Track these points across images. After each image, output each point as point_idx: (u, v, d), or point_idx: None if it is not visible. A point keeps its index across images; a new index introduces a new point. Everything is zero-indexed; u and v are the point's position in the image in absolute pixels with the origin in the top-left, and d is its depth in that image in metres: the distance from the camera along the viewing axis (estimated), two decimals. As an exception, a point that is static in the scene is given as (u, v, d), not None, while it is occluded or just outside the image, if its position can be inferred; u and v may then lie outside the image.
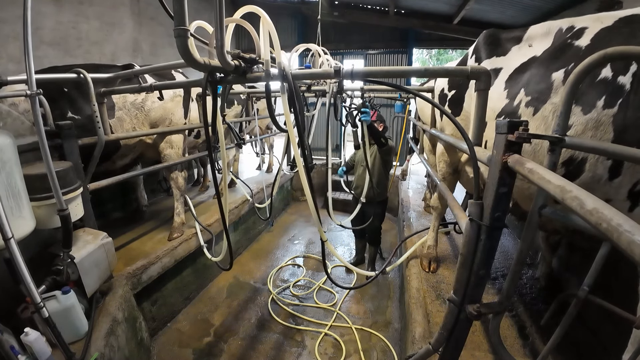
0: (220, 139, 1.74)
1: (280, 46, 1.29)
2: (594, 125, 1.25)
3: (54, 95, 2.29)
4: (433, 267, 2.83)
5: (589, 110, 1.26)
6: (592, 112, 1.25)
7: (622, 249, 0.52)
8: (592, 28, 1.38)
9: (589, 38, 1.36)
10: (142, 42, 5.49)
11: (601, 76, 1.25)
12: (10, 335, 1.52)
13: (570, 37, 1.44)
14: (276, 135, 6.52)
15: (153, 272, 2.84)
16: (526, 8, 5.13)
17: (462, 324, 1.30)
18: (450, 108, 2.19)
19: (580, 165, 1.33)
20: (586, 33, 1.39)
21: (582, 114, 1.28)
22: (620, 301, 1.13)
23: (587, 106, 1.27)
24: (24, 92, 1.47)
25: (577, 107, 1.29)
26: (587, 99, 1.27)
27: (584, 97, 1.27)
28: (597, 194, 0.66)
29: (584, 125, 1.27)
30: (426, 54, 17.14)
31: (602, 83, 1.24)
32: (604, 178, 1.28)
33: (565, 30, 1.51)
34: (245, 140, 4.93)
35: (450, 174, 2.52)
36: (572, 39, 1.43)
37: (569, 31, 1.48)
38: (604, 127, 1.23)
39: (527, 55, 1.64)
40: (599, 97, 1.24)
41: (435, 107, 2.45)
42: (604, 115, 1.22)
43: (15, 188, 1.50)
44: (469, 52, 2.13)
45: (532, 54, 1.61)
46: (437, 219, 2.88)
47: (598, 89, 1.25)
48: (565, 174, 1.36)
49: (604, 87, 1.24)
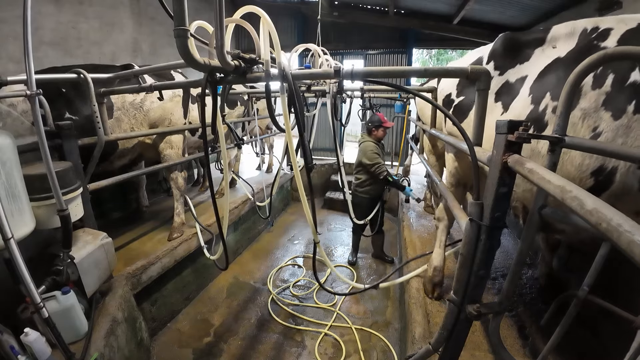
0: (220, 139, 1.74)
1: (280, 46, 1.29)
2: (624, 132, 1.20)
3: (52, 96, 2.29)
4: (437, 293, 2.43)
5: (619, 115, 1.22)
6: (622, 118, 1.21)
7: (622, 249, 0.52)
8: (617, 29, 1.35)
9: (615, 39, 1.33)
10: (142, 42, 5.49)
11: (631, 80, 1.21)
12: (10, 335, 1.51)
13: (596, 38, 1.40)
14: (276, 136, 6.52)
15: (153, 272, 2.84)
16: (526, 8, 5.13)
17: (462, 324, 1.30)
18: (455, 114, 2.07)
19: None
20: (612, 34, 1.35)
21: (612, 120, 1.23)
22: (620, 301, 1.13)
23: (617, 111, 1.23)
24: (24, 92, 1.47)
25: (607, 113, 1.25)
26: (617, 104, 1.22)
27: (614, 101, 1.23)
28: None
29: (615, 132, 1.23)
30: (426, 54, 17.14)
31: (632, 86, 1.20)
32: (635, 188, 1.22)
33: (590, 31, 1.46)
34: (245, 140, 4.93)
35: (458, 186, 2.30)
36: (597, 40, 1.39)
37: (594, 32, 1.43)
38: (634, 134, 1.18)
39: (551, 57, 1.56)
40: (629, 102, 1.20)
41: (436, 107, 2.45)
42: (634, 120, 1.18)
43: (15, 188, 1.50)
44: (482, 57, 1.98)
45: (556, 55, 1.54)
46: (444, 233, 2.48)
47: (627, 93, 1.21)
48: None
49: (633, 90, 1.19)
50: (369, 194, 3.81)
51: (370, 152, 3.66)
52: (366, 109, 5.08)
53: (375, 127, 3.78)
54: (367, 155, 3.66)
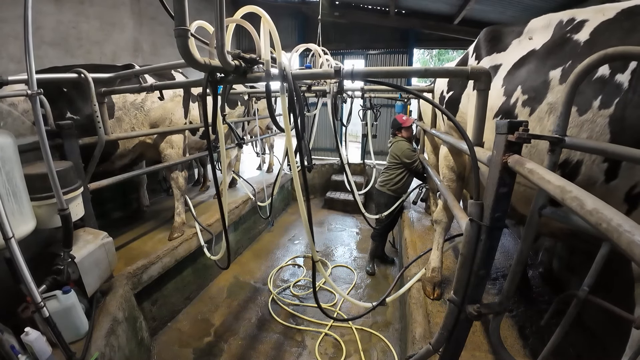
0: (220, 139, 1.74)
1: (281, 46, 1.29)
2: (589, 127, 1.21)
3: (53, 95, 2.30)
4: (437, 293, 2.47)
5: (584, 111, 1.23)
6: (587, 113, 1.22)
7: (622, 249, 0.52)
8: (593, 21, 1.32)
9: (588, 32, 1.31)
10: (143, 42, 5.50)
11: (598, 74, 1.20)
12: (10, 334, 1.52)
13: (570, 31, 1.38)
14: (276, 135, 6.52)
15: (153, 271, 2.84)
16: (527, 8, 5.13)
17: (462, 324, 1.30)
18: (447, 108, 2.13)
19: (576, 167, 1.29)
20: (586, 26, 1.33)
21: (577, 115, 1.24)
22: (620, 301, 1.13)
23: (582, 107, 1.23)
24: (25, 92, 1.47)
25: (573, 108, 1.25)
26: (583, 99, 1.22)
27: (580, 97, 1.22)
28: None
29: (580, 127, 1.24)
30: (427, 55, 17.13)
31: (599, 82, 1.20)
32: (600, 180, 1.24)
33: (565, 23, 1.45)
34: (246, 140, 4.94)
35: (454, 181, 2.32)
36: (571, 33, 1.37)
37: (569, 24, 1.42)
38: (600, 129, 1.19)
39: (526, 48, 1.56)
40: (595, 97, 1.20)
41: (435, 107, 2.45)
42: (599, 115, 1.19)
43: (16, 188, 1.50)
44: (469, 50, 2.07)
45: (532, 47, 1.54)
46: (442, 235, 2.50)
47: (594, 88, 1.21)
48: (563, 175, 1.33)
49: (600, 86, 1.19)
50: (396, 192, 3.82)
51: (408, 150, 3.69)
52: (366, 109, 5.09)
53: (398, 130, 3.82)
54: (405, 153, 3.69)
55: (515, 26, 1.75)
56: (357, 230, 5.45)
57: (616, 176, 1.21)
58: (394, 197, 3.82)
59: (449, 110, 2.11)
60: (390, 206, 3.78)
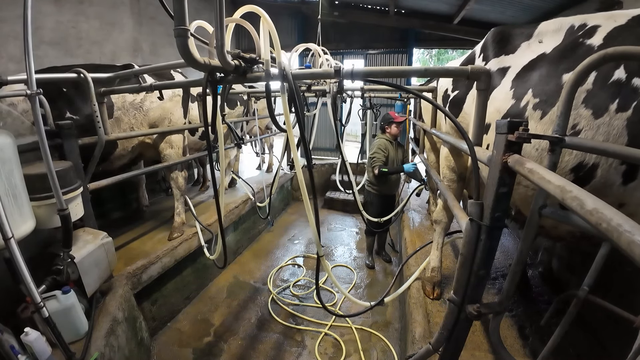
0: (219, 139, 1.74)
1: (281, 46, 1.29)
2: (605, 130, 1.20)
3: (52, 95, 2.29)
4: (437, 292, 2.48)
5: (600, 114, 1.22)
6: (604, 116, 1.21)
7: (622, 249, 0.52)
8: (605, 26, 1.32)
9: (602, 37, 1.31)
10: (142, 41, 5.49)
11: (614, 78, 1.20)
12: (10, 335, 1.51)
13: (582, 36, 1.38)
14: (276, 135, 6.52)
15: (153, 271, 2.84)
16: (526, 8, 5.13)
17: (462, 324, 1.30)
18: (450, 109, 2.11)
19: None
20: (598, 32, 1.33)
21: (593, 119, 1.23)
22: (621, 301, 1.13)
23: (598, 110, 1.22)
24: (24, 92, 1.47)
25: (588, 111, 1.24)
26: (598, 103, 1.22)
27: (595, 100, 1.22)
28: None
29: (595, 130, 1.23)
30: (427, 54, 17.13)
31: (614, 85, 1.20)
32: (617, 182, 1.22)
33: (577, 28, 1.44)
34: (245, 140, 4.93)
35: (454, 181, 2.30)
36: (583, 38, 1.37)
37: (581, 29, 1.42)
38: (617, 131, 1.18)
39: (536, 52, 1.55)
40: (611, 100, 1.20)
41: (436, 107, 2.45)
42: (617, 118, 1.18)
43: (15, 188, 1.50)
44: (475, 50, 2.03)
45: (542, 50, 1.53)
46: (441, 235, 2.51)
47: (610, 92, 1.20)
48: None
49: (617, 89, 1.18)
50: (376, 190, 3.79)
51: (376, 148, 3.64)
52: (366, 108, 5.10)
53: (388, 124, 3.74)
54: (372, 150, 3.67)
55: (525, 28, 1.72)
56: (356, 230, 5.44)
57: (635, 178, 1.20)
58: (375, 194, 3.82)
59: (453, 110, 2.09)
60: (374, 202, 3.83)
